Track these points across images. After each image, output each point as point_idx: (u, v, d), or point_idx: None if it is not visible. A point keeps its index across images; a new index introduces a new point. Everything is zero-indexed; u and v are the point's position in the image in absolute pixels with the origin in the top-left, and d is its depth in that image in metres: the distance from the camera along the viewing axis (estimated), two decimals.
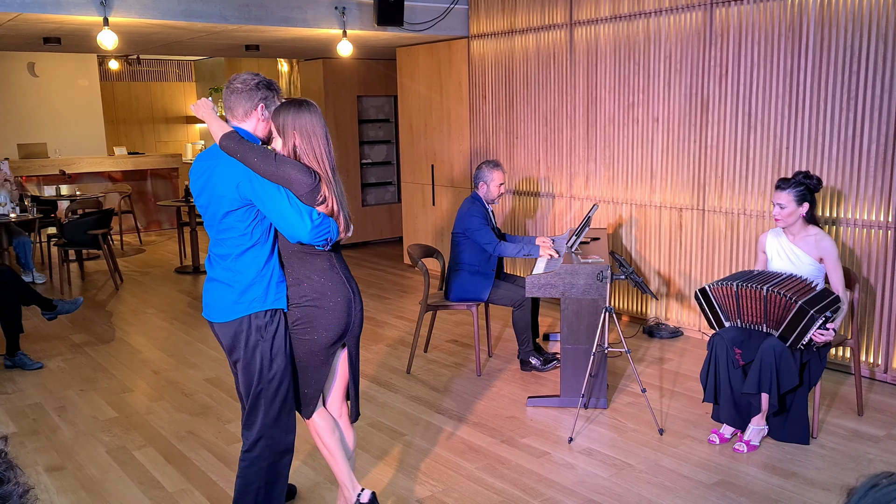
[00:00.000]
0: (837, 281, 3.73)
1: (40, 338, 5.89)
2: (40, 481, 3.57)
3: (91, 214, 7.82)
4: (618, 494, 3.35)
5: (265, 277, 2.74)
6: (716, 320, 3.87)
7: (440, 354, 5.34)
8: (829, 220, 4.73)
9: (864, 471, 3.52)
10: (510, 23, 6.73)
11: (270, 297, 2.75)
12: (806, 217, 3.76)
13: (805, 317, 3.48)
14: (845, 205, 4.67)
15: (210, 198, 2.69)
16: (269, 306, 2.75)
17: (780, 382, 3.58)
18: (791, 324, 3.54)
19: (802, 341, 3.53)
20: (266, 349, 2.75)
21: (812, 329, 3.48)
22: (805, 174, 3.74)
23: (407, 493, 3.40)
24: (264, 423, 2.81)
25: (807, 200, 3.72)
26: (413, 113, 8.11)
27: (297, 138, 2.68)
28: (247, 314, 2.72)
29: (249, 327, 2.73)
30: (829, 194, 4.73)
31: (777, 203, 3.74)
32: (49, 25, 5.99)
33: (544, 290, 4.23)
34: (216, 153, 2.72)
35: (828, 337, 3.50)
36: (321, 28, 6.39)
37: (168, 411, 4.41)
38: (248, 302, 2.73)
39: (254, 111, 2.74)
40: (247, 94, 2.73)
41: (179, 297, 7.23)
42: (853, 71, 4.52)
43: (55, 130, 11.64)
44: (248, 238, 2.71)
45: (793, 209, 3.72)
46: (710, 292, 3.82)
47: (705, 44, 5.27)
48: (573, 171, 6.36)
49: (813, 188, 3.72)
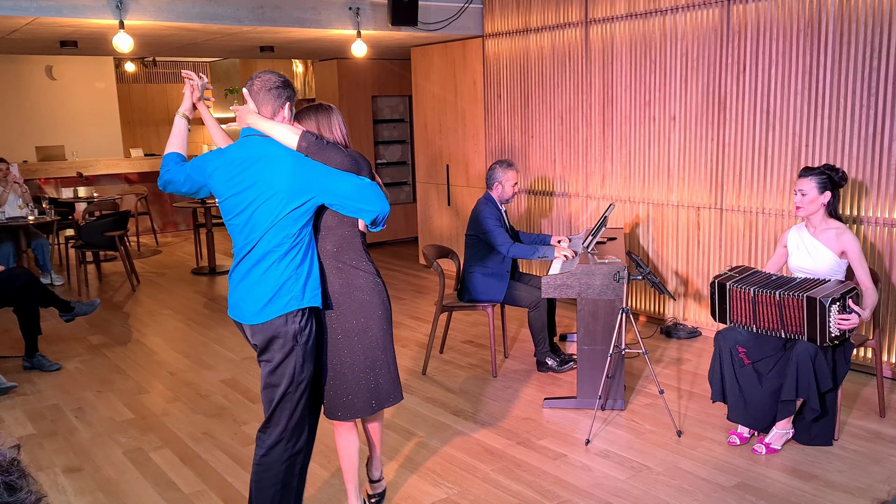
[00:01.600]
0: (863, 275, 3.67)
1: (58, 339, 5.93)
2: (58, 482, 3.59)
3: (108, 216, 7.87)
4: (635, 497, 3.31)
5: (302, 274, 2.71)
6: (720, 314, 3.80)
7: (456, 355, 5.32)
8: (851, 219, 4.67)
9: (886, 473, 3.47)
10: (525, 21, 6.70)
11: (308, 295, 2.72)
12: (828, 209, 3.71)
13: (816, 306, 3.42)
14: (866, 202, 4.60)
15: (258, 195, 2.63)
16: (305, 304, 2.71)
17: (819, 385, 3.52)
18: (810, 320, 3.49)
19: (830, 333, 3.44)
20: (300, 353, 2.72)
21: (830, 316, 3.42)
22: (830, 166, 3.70)
23: (422, 496, 3.39)
24: (287, 426, 2.78)
25: (829, 190, 3.67)
26: (428, 113, 8.09)
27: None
28: (283, 313, 2.68)
29: (286, 329, 2.69)
30: (850, 192, 4.66)
31: (799, 189, 3.69)
32: (65, 29, 6.02)
33: (560, 290, 4.20)
34: (259, 148, 2.67)
35: (853, 321, 3.42)
36: (335, 29, 6.39)
37: (184, 412, 4.42)
38: (284, 301, 2.68)
39: (281, 110, 2.76)
40: (275, 92, 2.74)
41: (196, 298, 7.26)
42: (873, 67, 4.45)
43: (72, 133, 11.73)
44: (295, 237, 2.68)
45: (814, 196, 3.67)
46: (728, 291, 3.75)
47: (722, 41, 5.22)
48: (589, 170, 6.32)
49: (837, 180, 3.67)
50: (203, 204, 8.29)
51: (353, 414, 2.94)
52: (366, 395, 2.92)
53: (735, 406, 3.76)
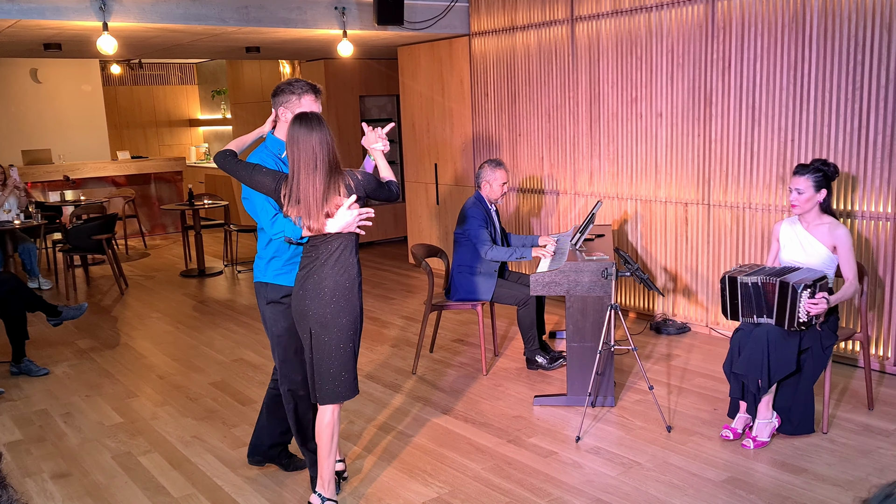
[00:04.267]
0: (849, 270, 3.69)
1: (46, 344, 5.89)
2: (46, 489, 3.56)
3: (95, 219, 7.82)
4: (625, 493, 3.32)
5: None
6: (732, 312, 3.80)
7: (446, 354, 5.32)
8: (843, 214, 4.69)
9: (875, 466, 3.48)
10: (511, 19, 6.70)
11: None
12: (822, 205, 3.73)
13: (788, 290, 3.50)
14: (852, 197, 4.62)
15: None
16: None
17: (770, 367, 3.55)
18: (780, 303, 3.56)
19: (799, 317, 3.52)
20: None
21: (800, 302, 3.48)
22: (822, 161, 3.71)
23: (413, 496, 3.38)
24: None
25: (824, 187, 3.68)
26: (415, 112, 8.08)
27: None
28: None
29: None
30: (836, 186, 4.68)
31: (795, 188, 3.70)
32: (48, 31, 5.98)
33: (549, 287, 4.20)
34: None
35: (821, 306, 3.49)
36: (321, 29, 6.37)
37: (173, 416, 4.40)
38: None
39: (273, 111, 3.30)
40: (273, 100, 3.27)
41: (185, 300, 7.23)
42: (858, 62, 4.47)
43: (59, 136, 11.65)
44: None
45: (811, 195, 3.68)
46: (739, 285, 3.71)
47: (708, 37, 5.23)
48: (577, 167, 6.33)
49: (830, 175, 3.69)
50: (191, 206, 8.25)
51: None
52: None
53: (746, 397, 3.76)
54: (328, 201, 2.95)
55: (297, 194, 2.94)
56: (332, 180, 2.96)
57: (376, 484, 3.50)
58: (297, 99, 3.19)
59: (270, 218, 3.10)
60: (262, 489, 3.49)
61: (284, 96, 3.20)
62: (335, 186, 2.97)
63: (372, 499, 3.37)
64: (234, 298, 7.28)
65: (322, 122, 2.97)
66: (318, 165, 2.92)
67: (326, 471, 3.19)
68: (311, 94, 3.21)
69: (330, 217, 2.96)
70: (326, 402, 3.13)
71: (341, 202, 2.97)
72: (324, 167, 2.93)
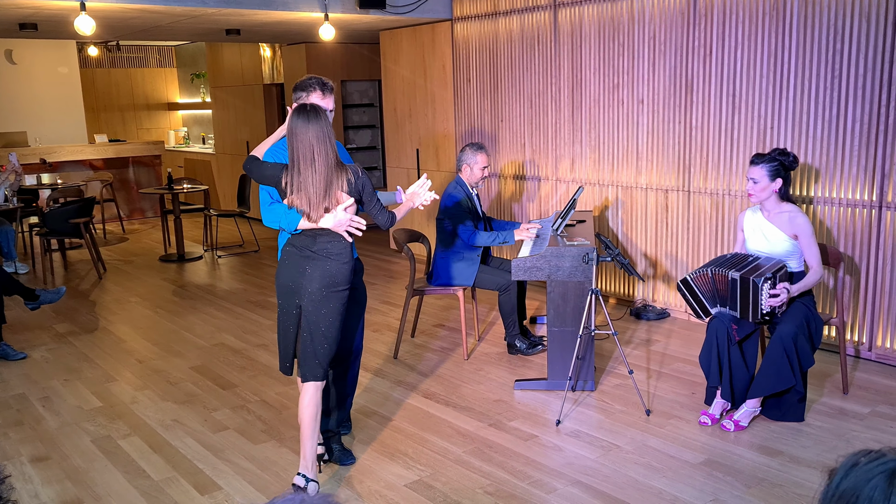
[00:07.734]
0: (812, 257, 3.76)
1: (23, 328, 5.83)
2: (25, 472, 3.54)
3: (73, 203, 7.73)
4: (605, 475, 3.35)
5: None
6: (702, 309, 3.89)
7: (427, 339, 5.33)
8: (810, 199, 4.74)
9: (849, 448, 3.54)
10: (494, 4, 6.68)
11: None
12: (780, 194, 3.77)
13: (749, 285, 3.57)
14: (830, 184, 4.67)
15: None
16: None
17: (801, 365, 3.67)
18: (743, 297, 3.64)
19: (762, 309, 3.59)
20: None
21: (762, 295, 3.55)
22: (781, 151, 3.75)
23: (394, 478, 3.40)
24: None
25: (780, 176, 3.73)
26: (397, 97, 8.05)
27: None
28: None
29: None
30: (814, 173, 4.73)
31: (750, 178, 3.76)
32: (25, 11, 5.88)
33: (530, 272, 4.22)
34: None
35: (782, 296, 3.57)
36: (302, 11, 6.31)
37: (153, 400, 4.38)
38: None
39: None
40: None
41: (164, 285, 7.17)
42: (837, 50, 4.51)
43: (35, 118, 11.47)
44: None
45: (765, 184, 3.74)
46: (691, 281, 3.84)
47: (689, 24, 5.25)
48: (559, 153, 6.34)
49: (788, 165, 3.73)
50: (171, 190, 8.18)
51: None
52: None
53: (723, 385, 3.82)
54: (329, 195, 3.02)
55: (297, 184, 3.02)
56: (333, 173, 3.03)
57: (358, 466, 3.51)
58: (305, 96, 3.31)
59: (268, 205, 3.20)
60: (244, 472, 3.49)
61: (296, 93, 3.33)
62: (338, 181, 3.04)
63: (353, 481, 3.38)
64: (215, 283, 7.23)
65: (319, 114, 3.02)
66: (315, 157, 2.99)
67: (309, 451, 3.21)
68: (318, 90, 3.31)
69: (328, 212, 3.04)
70: (309, 379, 3.18)
71: (342, 198, 3.05)
72: (322, 159, 2.99)
